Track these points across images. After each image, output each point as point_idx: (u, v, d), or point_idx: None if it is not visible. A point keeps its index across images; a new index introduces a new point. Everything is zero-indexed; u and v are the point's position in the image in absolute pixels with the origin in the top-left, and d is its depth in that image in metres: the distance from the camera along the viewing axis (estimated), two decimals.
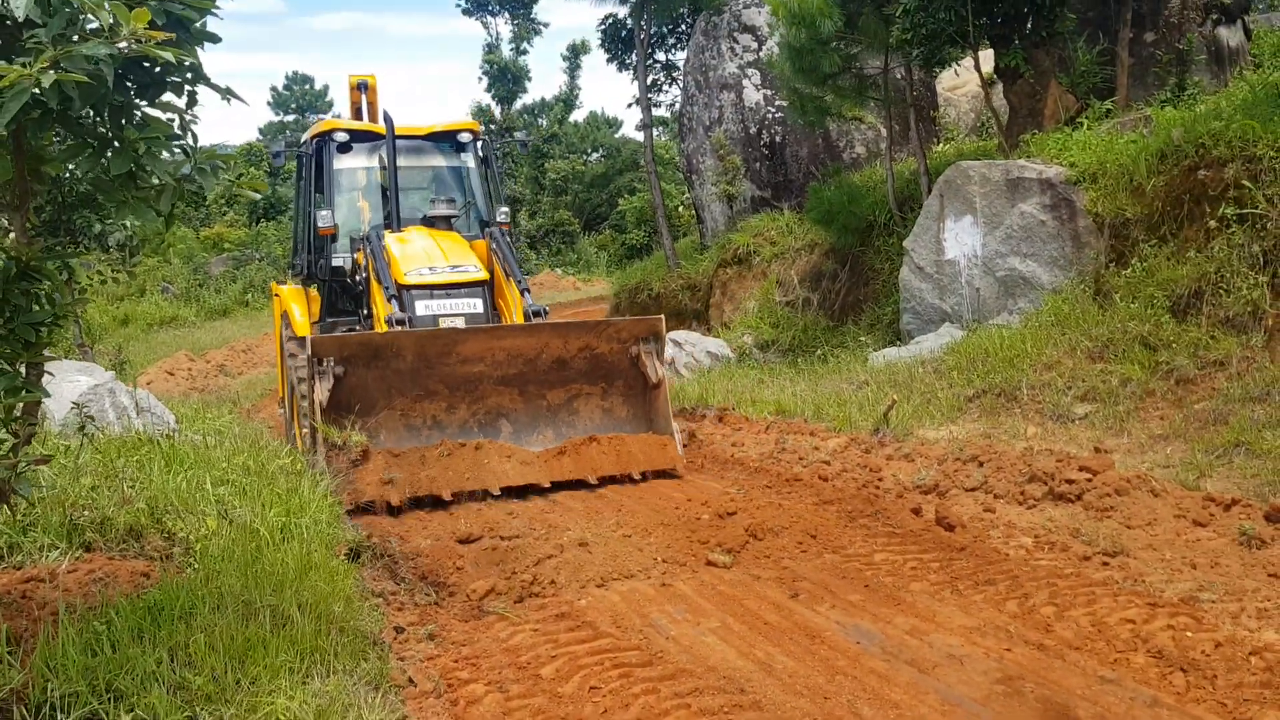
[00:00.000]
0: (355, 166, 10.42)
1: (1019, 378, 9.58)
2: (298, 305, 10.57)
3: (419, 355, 8.18)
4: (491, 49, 51.22)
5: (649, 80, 23.97)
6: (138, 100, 3.68)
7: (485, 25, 52.52)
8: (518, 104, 53.47)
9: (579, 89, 53.73)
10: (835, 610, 5.47)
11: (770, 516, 7.02)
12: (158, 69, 3.63)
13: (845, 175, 17.08)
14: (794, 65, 14.16)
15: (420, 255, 9.18)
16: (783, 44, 14.40)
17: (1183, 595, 5.31)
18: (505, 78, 51.45)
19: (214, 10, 3.74)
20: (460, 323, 8.85)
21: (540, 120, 53.76)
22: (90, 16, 3.27)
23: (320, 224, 9.84)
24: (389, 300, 8.82)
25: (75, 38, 3.29)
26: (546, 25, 53.26)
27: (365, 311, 9.65)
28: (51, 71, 3.02)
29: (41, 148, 3.94)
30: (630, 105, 46.12)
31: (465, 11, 51.52)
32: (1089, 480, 6.99)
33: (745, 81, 18.40)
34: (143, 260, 42.87)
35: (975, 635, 5.01)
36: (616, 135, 53.84)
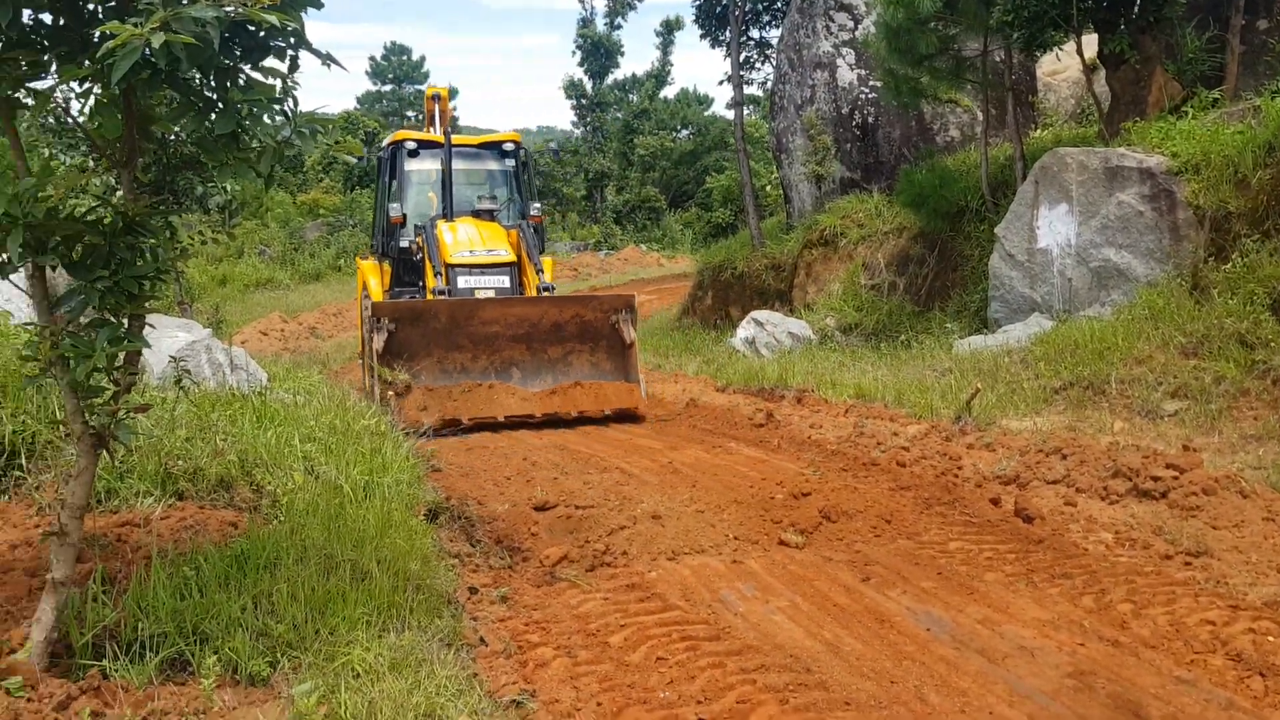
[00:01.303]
0: (422, 168, 12.95)
1: (1108, 371, 9.36)
2: (373, 278, 12.88)
3: (451, 318, 10.53)
4: (586, 23, 51.45)
5: (741, 57, 23.81)
6: (242, 63, 3.79)
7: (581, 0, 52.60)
8: (609, 79, 53.59)
9: (671, 65, 53.68)
10: (906, 596, 5.45)
11: (845, 499, 6.99)
12: (262, 33, 3.73)
13: (938, 158, 16.78)
14: (890, 45, 13.95)
15: (464, 240, 11.63)
16: (879, 23, 14.19)
17: (1267, 599, 5.17)
18: (598, 52, 51.60)
19: None
20: (490, 294, 11.15)
21: (631, 95, 53.74)
22: None
23: (391, 213, 12.34)
24: (436, 275, 11.26)
25: (184, 0, 3.40)
26: (641, 0, 53.15)
27: (421, 283, 12.00)
28: (161, 32, 3.13)
29: (150, 107, 4.08)
30: (722, 83, 45.86)
31: None
32: (1175, 478, 6.83)
33: (839, 61, 18.17)
34: (241, 223, 44.10)
35: (1048, 628, 4.95)
36: (706, 113, 53.66)
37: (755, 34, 24.82)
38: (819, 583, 5.70)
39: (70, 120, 3.89)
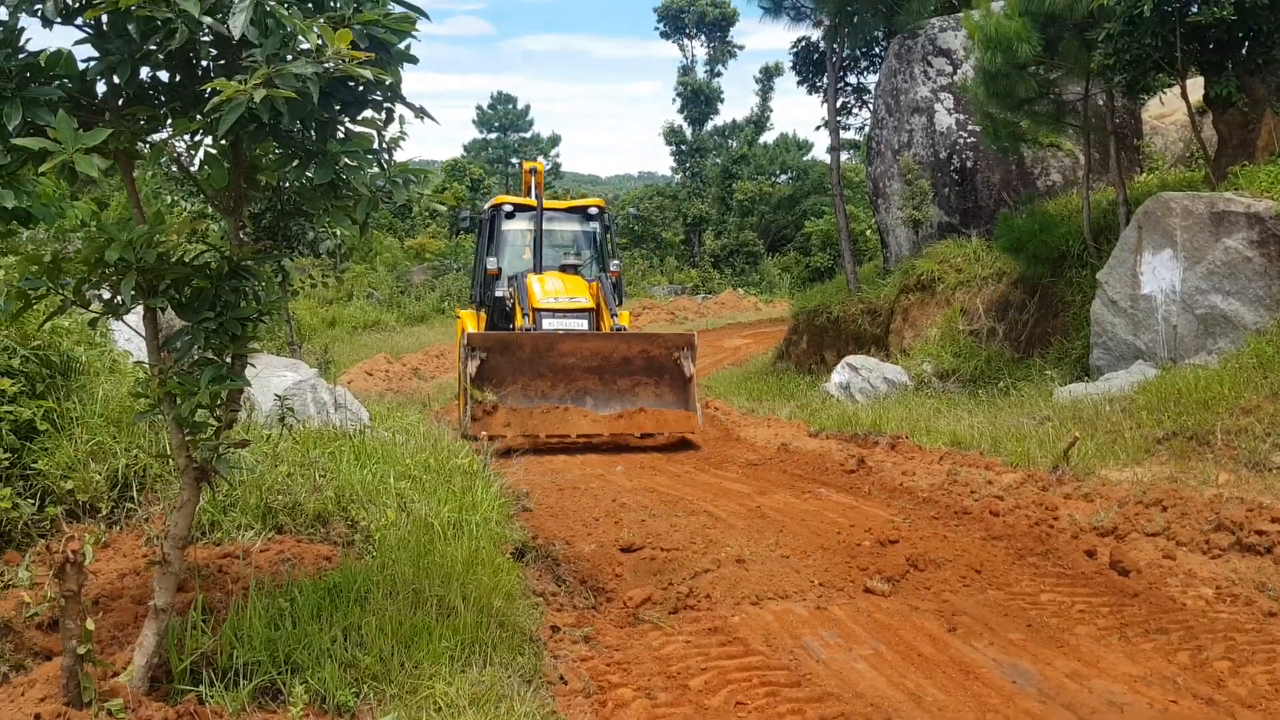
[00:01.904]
0: (517, 229, 14.53)
1: (1213, 421, 9.08)
2: (471, 323, 14.38)
3: (534, 349, 12.02)
4: (686, 70, 51.99)
5: (839, 103, 23.82)
6: (341, 116, 3.99)
7: (682, 48, 53.36)
8: (709, 125, 54.01)
9: (770, 111, 53.89)
10: (993, 647, 5.35)
11: (933, 548, 6.91)
12: (360, 88, 3.93)
13: (1038, 203, 16.53)
14: (988, 90, 13.84)
15: (550, 290, 13.15)
16: (978, 68, 14.10)
17: None
18: (698, 99, 52.09)
19: (414, 34, 4.02)
20: (568, 330, 12.68)
21: (731, 141, 54.05)
22: (301, 38, 3.58)
23: (489, 266, 14.18)
24: (524, 317, 12.91)
25: (289, 57, 3.61)
26: (741, 48, 53.64)
27: (512, 326, 13.46)
28: (263, 88, 3.32)
29: (257, 158, 4.31)
30: (819, 128, 45.87)
31: (663, 35, 52.52)
32: None
33: (937, 105, 18.07)
34: (351, 267, 45.47)
35: (1140, 684, 4.82)
36: (805, 158, 53.65)
37: (852, 79, 24.88)
38: (904, 631, 5.63)
39: (185, 171, 4.12)
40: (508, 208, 14.54)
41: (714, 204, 52.15)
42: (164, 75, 4.09)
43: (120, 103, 4.01)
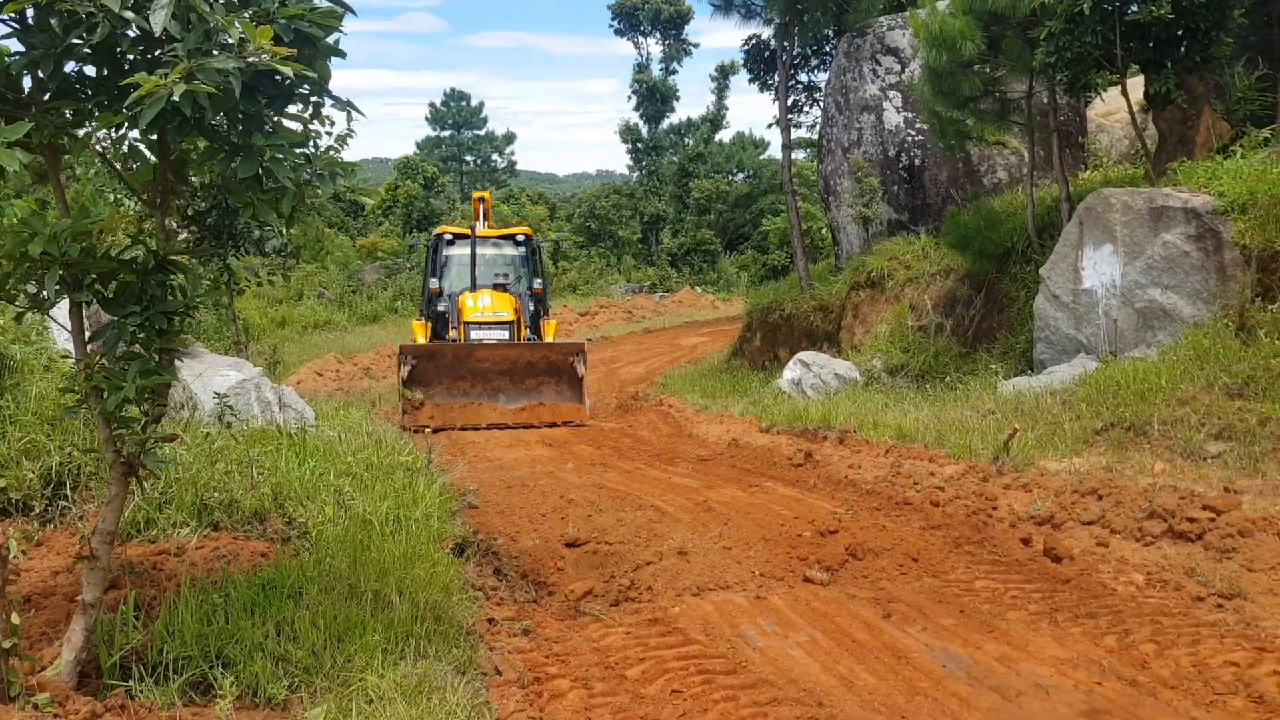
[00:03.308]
0: (457, 254, 17.00)
1: (1150, 412, 9.25)
2: (420, 334, 16.75)
3: (455, 356, 14.47)
4: (641, 68, 52.00)
5: (790, 101, 23.95)
6: (268, 110, 3.98)
7: (637, 45, 53.36)
8: (665, 123, 54.07)
9: (726, 109, 54.03)
10: (926, 633, 5.44)
11: (873, 537, 7.00)
12: (287, 82, 3.92)
13: (985, 200, 16.72)
14: (934, 88, 13.98)
15: (479, 306, 15.57)
16: (924, 66, 14.25)
17: None
18: (654, 97, 52.14)
19: (340, 29, 4.02)
20: (493, 342, 15.03)
21: (687, 139, 54.16)
22: (224, 33, 3.57)
23: (431, 286, 16.94)
24: (454, 328, 15.74)
25: (214, 52, 3.60)
26: (696, 46, 53.73)
27: (449, 336, 15.97)
28: (184, 83, 3.32)
29: (185, 152, 4.29)
30: (771, 125, 46.11)
31: (618, 32, 52.51)
32: (1212, 520, 6.74)
33: (886, 104, 18.23)
34: (301, 266, 45.05)
35: (1066, 667, 4.92)
36: (762, 156, 53.87)
37: (803, 78, 25.02)
38: (840, 619, 5.71)
39: (110, 166, 4.09)
40: (448, 236, 17.33)
41: (671, 202, 52.22)
42: (91, 70, 4.07)
43: (46, 97, 3.98)
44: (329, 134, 5.24)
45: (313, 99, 4.07)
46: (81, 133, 4.06)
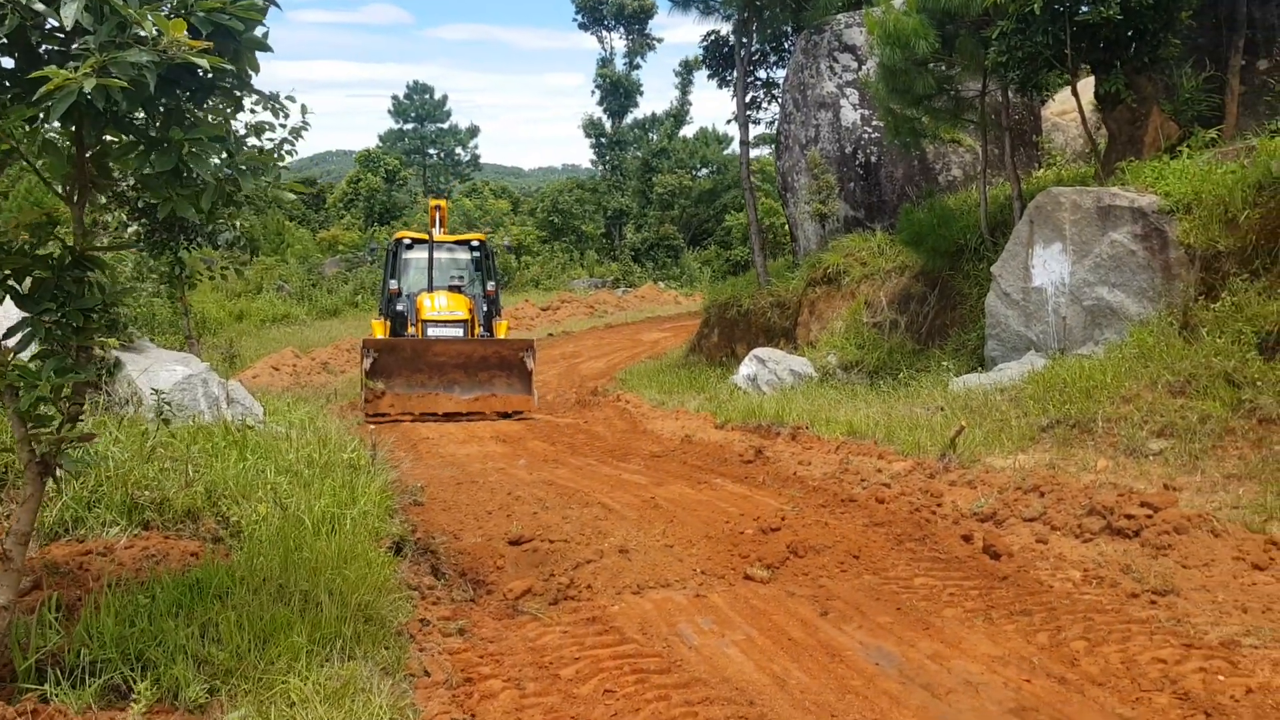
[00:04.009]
0: (415, 257, 18.10)
1: (1095, 409, 9.34)
2: (379, 331, 17.28)
3: (414, 350, 15.40)
4: (605, 63, 51.90)
5: (748, 97, 23.96)
6: (188, 104, 3.91)
7: (600, 40, 53.23)
8: (629, 118, 54.00)
9: (690, 104, 54.02)
10: (861, 630, 5.45)
11: (815, 535, 7.01)
12: (208, 75, 3.86)
13: (939, 197, 16.82)
14: (888, 86, 14.05)
15: (436, 305, 16.60)
16: (879, 64, 14.30)
17: (1225, 639, 5.15)
18: (618, 92, 52.07)
19: (263, 22, 3.95)
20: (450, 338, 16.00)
21: (651, 134, 54.12)
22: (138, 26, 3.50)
23: (391, 287, 17.58)
24: (412, 326, 16.86)
25: (130, 45, 3.52)
26: (660, 41, 53.70)
27: (407, 334, 16.97)
28: (95, 77, 3.24)
29: (109, 145, 4.20)
30: (729, 121, 46.19)
31: (582, 26, 52.37)
32: (1149, 516, 6.81)
33: (843, 101, 18.28)
34: (260, 259, 44.60)
35: (997, 664, 4.94)
36: (726, 151, 53.89)
37: (763, 74, 25.04)
38: (777, 617, 5.71)
39: (25, 159, 4.00)
40: (407, 241, 18.40)
41: (634, 197, 52.20)
42: (8, 62, 3.97)
43: None
44: (283, 126, 5.21)
45: (235, 93, 3.99)
46: None
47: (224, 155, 3.92)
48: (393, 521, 6.98)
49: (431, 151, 73.35)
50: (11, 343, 3.90)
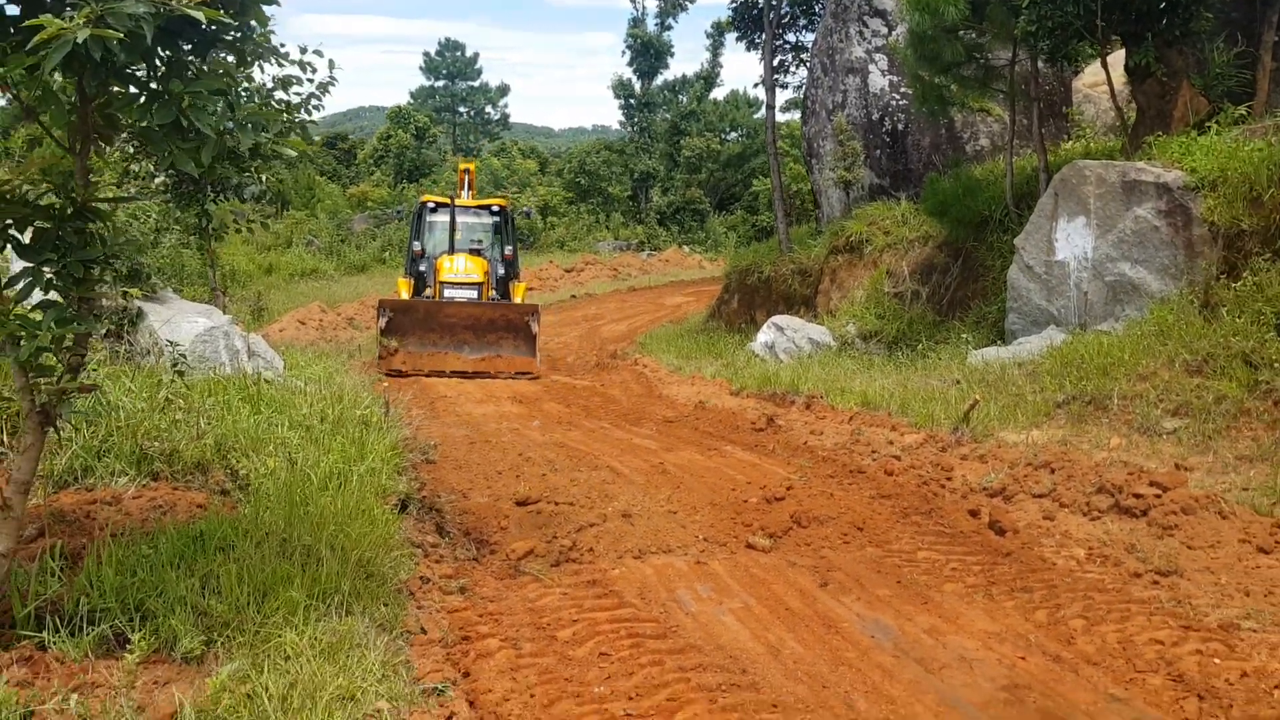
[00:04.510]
0: (439, 220, 18.87)
1: (1111, 386, 9.25)
2: (404, 289, 18.47)
3: (426, 312, 16.17)
4: (636, 23, 51.40)
5: (777, 61, 23.71)
6: (191, 57, 3.90)
7: (633, 0, 52.66)
8: (659, 79, 53.54)
9: (720, 67, 53.45)
10: (859, 603, 5.45)
11: (819, 505, 7.00)
12: (213, 28, 3.83)
13: (966, 167, 16.63)
14: (916, 52, 13.86)
15: (453, 268, 17.30)
16: (908, 30, 14.10)
17: (1224, 621, 5.11)
18: (648, 52, 51.57)
19: None
20: (464, 300, 16.77)
21: (680, 96, 53.66)
22: None
23: (414, 248, 18.75)
24: (429, 288, 17.75)
25: None
26: (692, 2, 53.05)
27: (425, 294, 17.98)
28: (87, 27, 3.23)
29: (112, 97, 4.19)
30: (757, 85, 45.68)
31: None
32: (1157, 496, 6.75)
33: (871, 66, 18.05)
34: (291, 213, 44.76)
35: (993, 640, 4.93)
36: (756, 115, 53.36)
37: (791, 37, 24.71)
38: (776, 586, 5.71)
39: (25, 108, 4.00)
40: (431, 204, 19.03)
41: (662, 160, 51.86)
42: (13, 9, 3.96)
43: None
44: (310, 80, 5.21)
45: (240, 46, 3.97)
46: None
47: (225, 109, 3.90)
48: (401, 479, 7.02)
49: (461, 109, 73.18)
50: (12, 292, 3.92)
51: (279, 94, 14.87)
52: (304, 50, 4.98)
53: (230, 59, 3.97)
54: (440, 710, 3.83)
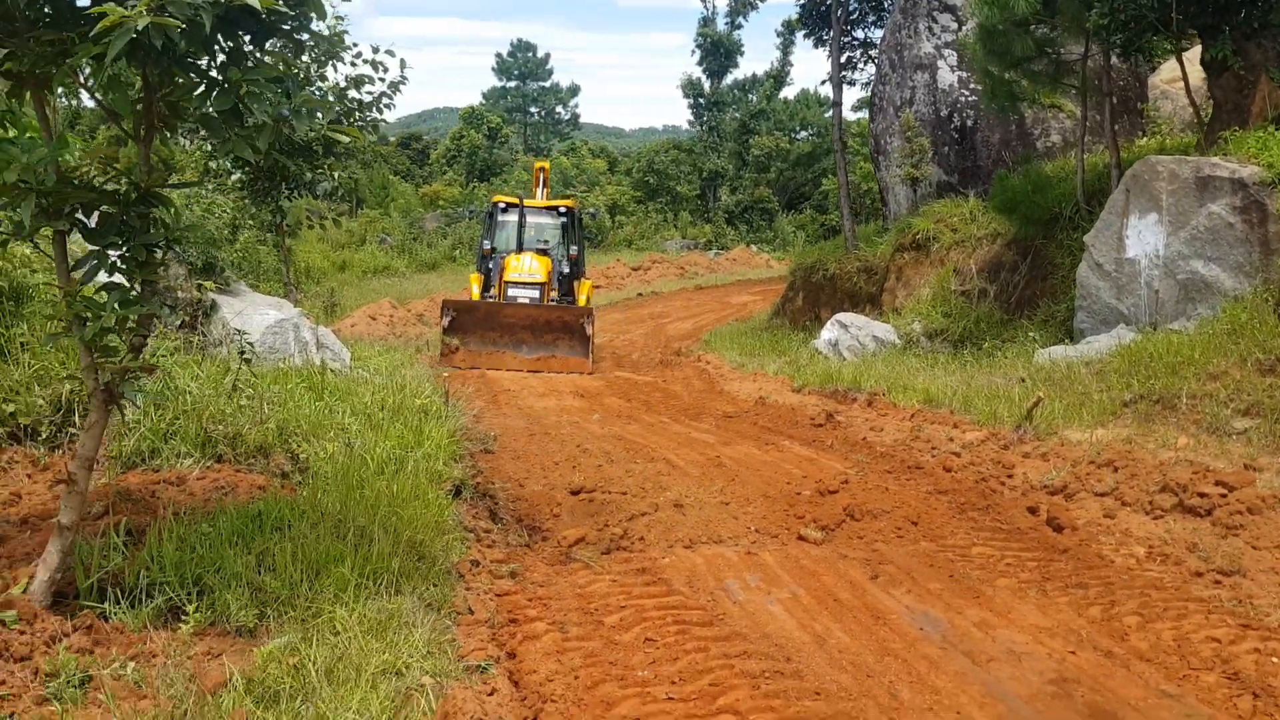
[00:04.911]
0: (508, 220, 19.55)
1: (1180, 386, 9.04)
2: (475, 284, 19.23)
3: (486, 312, 16.94)
4: (706, 22, 51.34)
5: (845, 58, 23.54)
6: (250, 46, 4.01)
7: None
8: (729, 78, 53.46)
9: (791, 66, 53.24)
10: (909, 595, 5.41)
11: (874, 499, 6.95)
12: (271, 18, 3.94)
13: (1036, 164, 16.35)
14: (986, 46, 13.66)
15: (520, 266, 18.02)
16: (977, 24, 13.91)
17: None
18: (717, 51, 51.52)
19: None
20: (526, 300, 17.52)
21: (750, 95, 53.50)
22: None
23: (484, 247, 19.61)
24: (493, 286, 18.48)
25: None
26: (763, 0, 52.80)
27: (490, 292, 18.85)
28: (148, 15, 3.35)
29: (176, 86, 4.33)
30: (823, 83, 45.31)
31: None
32: (1223, 496, 6.59)
33: (940, 62, 17.84)
34: (365, 211, 45.53)
35: (1044, 635, 4.87)
36: (827, 114, 52.93)
37: (859, 34, 24.51)
38: (826, 578, 5.70)
39: (92, 96, 4.15)
40: (502, 205, 19.87)
41: (730, 159, 51.76)
42: (85, 1, 4.11)
43: (31, 26, 4.03)
44: (381, 79, 5.31)
45: (296, 36, 4.07)
46: (69, 62, 4.10)
47: (282, 96, 4.01)
48: (456, 466, 7.12)
49: (532, 110, 73.75)
50: (79, 274, 4.06)
51: (351, 92, 15.14)
52: (376, 50, 5.06)
53: (288, 49, 4.06)
54: (483, 687, 3.89)
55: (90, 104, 4.29)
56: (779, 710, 4.13)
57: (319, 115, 4.11)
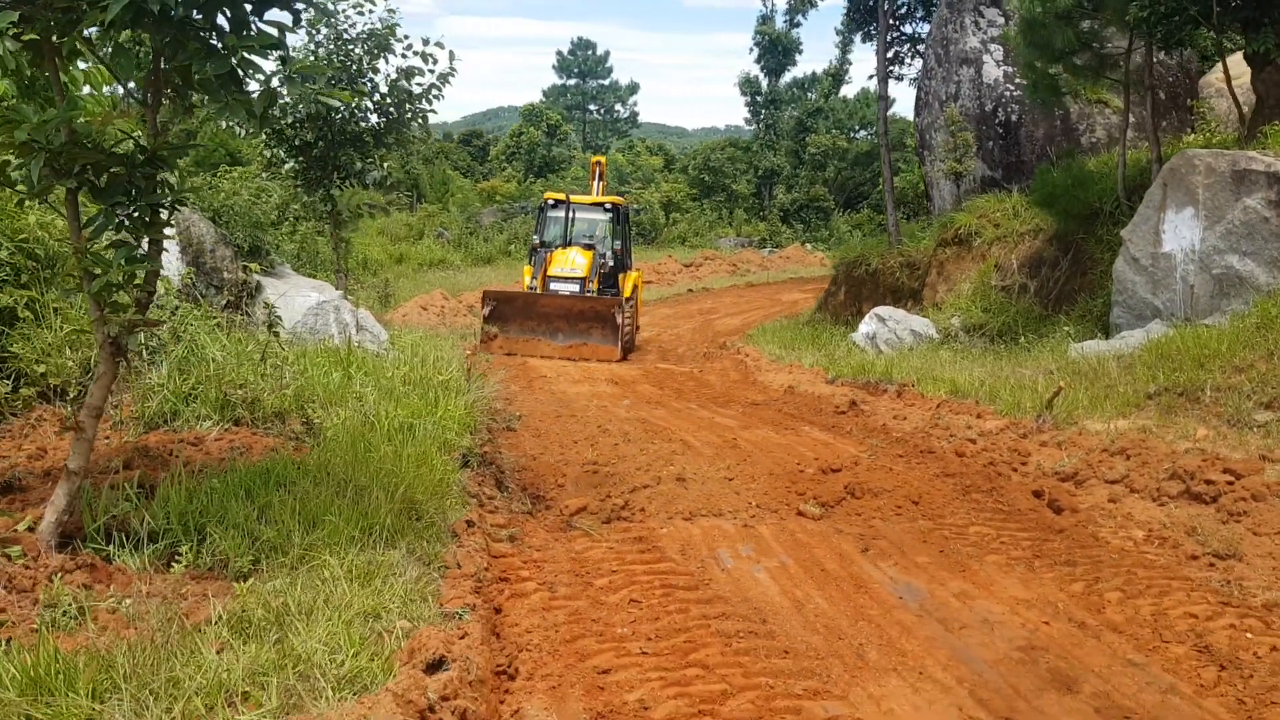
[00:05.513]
0: (558, 215, 20.22)
1: (1205, 378, 8.96)
2: (528, 275, 19.77)
3: (525, 302, 17.72)
4: (765, 20, 51.26)
5: (892, 53, 23.44)
6: (252, 15, 4.22)
7: None
8: (787, 76, 53.31)
9: (850, 64, 52.90)
10: (895, 568, 5.50)
11: (876, 479, 7.02)
12: None
13: (1079, 159, 16.19)
14: (1027, 39, 13.59)
15: (564, 260, 18.76)
16: (1019, 16, 13.84)
17: (1270, 601, 5.00)
18: (776, 50, 51.42)
19: None
20: (567, 292, 18.09)
21: (809, 94, 53.29)
22: None
23: (535, 241, 20.37)
24: (536, 278, 18.88)
25: None
26: None
27: (534, 284, 19.29)
28: None
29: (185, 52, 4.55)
30: (870, 77, 44.95)
31: None
32: (1229, 483, 6.57)
33: (986, 57, 17.73)
34: (424, 206, 46.18)
35: (1021, 606, 4.93)
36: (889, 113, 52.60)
37: (908, 29, 24.39)
38: (817, 550, 5.79)
39: (100, 61, 4.39)
40: (551, 201, 20.56)
41: (787, 157, 51.61)
42: None
43: None
44: (431, 71, 5.50)
45: (294, 4, 4.27)
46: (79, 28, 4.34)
47: (278, 64, 4.21)
48: (468, 436, 7.31)
49: (592, 108, 74.12)
50: (88, 231, 4.30)
51: (402, 83, 15.40)
52: (426, 42, 5.23)
53: (287, 14, 4.26)
54: (455, 630, 4.05)
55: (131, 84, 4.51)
56: (746, 666, 4.26)
57: (308, 82, 4.28)
